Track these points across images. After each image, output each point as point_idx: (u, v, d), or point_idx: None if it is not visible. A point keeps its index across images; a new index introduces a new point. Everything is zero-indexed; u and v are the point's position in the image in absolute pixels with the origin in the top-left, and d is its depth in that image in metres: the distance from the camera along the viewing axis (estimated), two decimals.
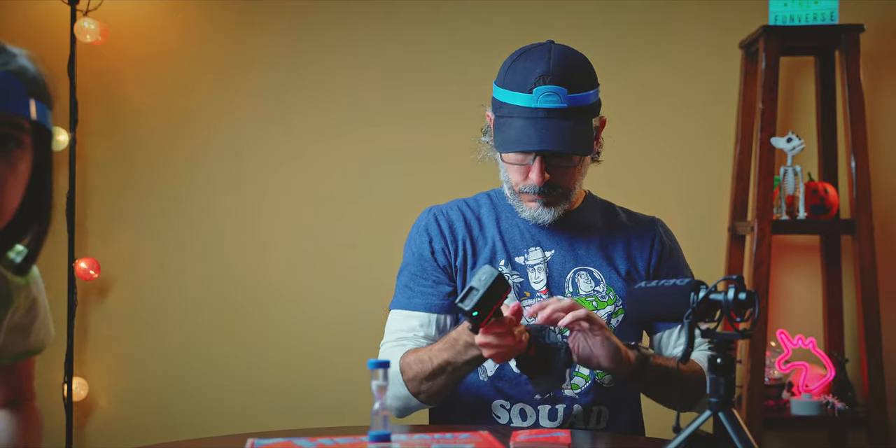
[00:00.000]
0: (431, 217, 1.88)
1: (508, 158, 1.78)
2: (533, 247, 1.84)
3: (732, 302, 1.22)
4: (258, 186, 3.17)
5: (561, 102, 1.70)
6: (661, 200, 2.99)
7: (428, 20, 3.18)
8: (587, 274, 1.83)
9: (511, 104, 1.73)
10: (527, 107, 1.71)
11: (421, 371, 1.70)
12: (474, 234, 1.86)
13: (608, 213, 1.91)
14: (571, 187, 1.79)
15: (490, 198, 1.92)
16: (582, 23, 3.15)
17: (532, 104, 1.71)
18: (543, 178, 1.74)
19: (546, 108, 1.70)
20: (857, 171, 2.86)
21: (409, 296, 1.85)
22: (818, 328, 3.10)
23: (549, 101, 1.70)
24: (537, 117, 1.71)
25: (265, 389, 3.14)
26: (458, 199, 1.94)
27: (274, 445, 1.41)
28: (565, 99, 1.70)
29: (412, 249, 1.88)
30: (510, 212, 1.87)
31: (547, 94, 1.71)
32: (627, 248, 1.85)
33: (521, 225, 1.86)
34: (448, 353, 1.66)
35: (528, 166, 1.75)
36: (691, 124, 3.16)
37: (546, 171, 1.74)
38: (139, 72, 3.17)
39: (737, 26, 3.06)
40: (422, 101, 3.16)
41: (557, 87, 1.70)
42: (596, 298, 1.81)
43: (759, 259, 2.82)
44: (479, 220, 1.88)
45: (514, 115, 1.73)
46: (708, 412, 1.22)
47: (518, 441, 1.39)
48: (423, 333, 1.81)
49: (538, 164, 1.73)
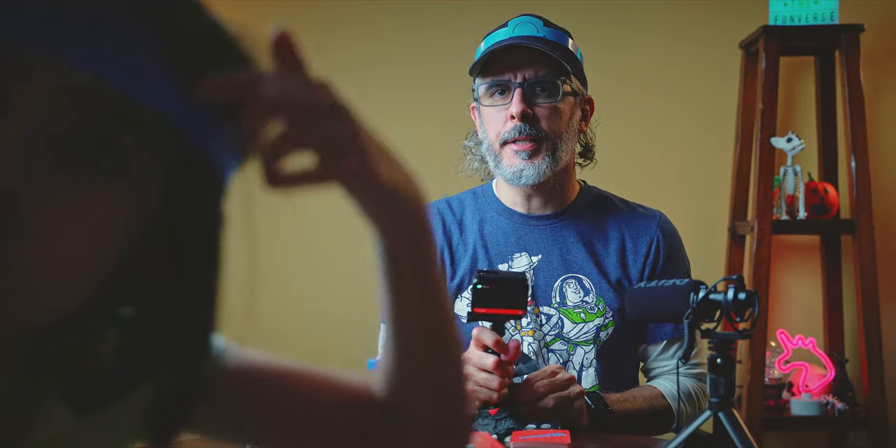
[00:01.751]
0: None
1: (487, 102, 1.70)
2: (518, 252, 1.74)
3: (732, 302, 1.22)
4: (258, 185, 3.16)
5: (537, 32, 1.66)
6: (661, 200, 2.97)
7: (433, 22, 3.18)
8: (576, 282, 1.72)
9: (485, 48, 1.69)
10: (502, 39, 1.67)
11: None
12: (454, 242, 1.78)
13: (605, 207, 1.80)
14: (557, 136, 1.68)
15: (475, 195, 1.84)
16: (582, 23, 3.13)
17: (507, 35, 1.66)
18: (524, 108, 1.64)
19: (522, 36, 1.65)
20: (857, 171, 2.86)
21: None
22: (818, 328, 3.09)
23: (524, 30, 1.66)
24: (513, 44, 1.65)
25: None
26: (442, 199, 1.86)
27: None
28: (541, 30, 1.66)
29: None
30: (496, 211, 1.79)
31: (522, 23, 1.67)
32: (621, 251, 1.74)
33: (506, 227, 1.77)
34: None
35: (507, 109, 1.66)
36: (691, 124, 3.15)
37: (528, 104, 1.65)
38: None
39: (737, 26, 3.05)
40: (422, 102, 3.17)
41: (533, 18, 1.68)
42: (584, 310, 1.71)
43: (759, 259, 2.82)
44: (460, 225, 1.79)
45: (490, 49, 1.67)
46: (708, 412, 1.22)
47: (518, 441, 1.39)
48: None
49: (518, 95, 1.65)
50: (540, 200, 1.77)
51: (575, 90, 1.72)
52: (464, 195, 1.86)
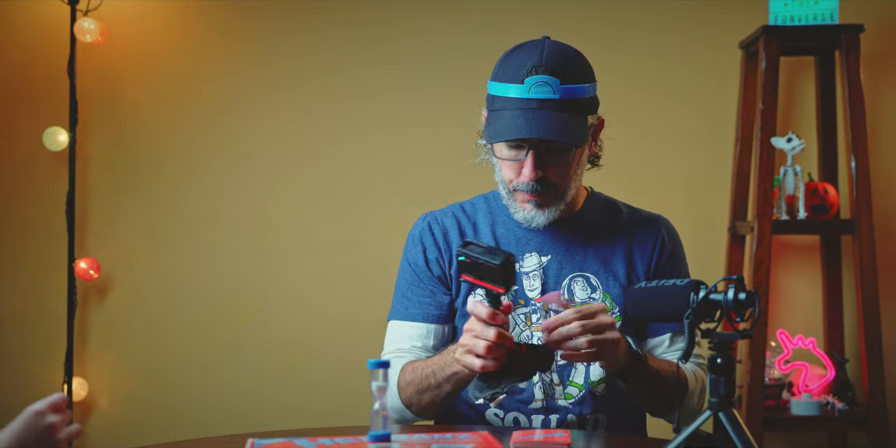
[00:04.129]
0: (426, 225, 1.85)
1: (501, 154, 1.73)
2: (529, 253, 1.79)
3: (732, 302, 1.22)
4: (259, 185, 3.17)
5: (553, 93, 1.67)
6: (661, 201, 2.97)
7: (437, 22, 3.18)
8: (584, 280, 1.78)
9: (503, 96, 1.70)
10: (518, 98, 1.68)
11: (413, 380, 1.68)
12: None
13: (611, 211, 1.86)
14: (566, 186, 1.74)
15: (486, 200, 1.88)
16: (582, 23, 3.15)
17: (524, 95, 1.67)
18: (536, 174, 1.69)
19: (538, 99, 1.67)
20: (857, 171, 2.86)
21: (406, 306, 1.82)
22: (818, 328, 3.10)
23: (541, 91, 1.67)
24: (529, 108, 1.67)
25: (265, 389, 3.14)
26: (455, 203, 1.90)
27: (274, 445, 1.41)
28: (558, 90, 1.67)
29: (408, 258, 1.85)
30: (507, 214, 1.83)
31: (539, 84, 1.67)
32: (628, 250, 1.80)
33: (516, 229, 1.81)
34: (436, 363, 1.64)
35: (521, 162, 1.71)
36: (691, 124, 3.16)
37: (540, 167, 1.69)
38: (139, 72, 3.17)
39: (737, 26, 3.06)
40: (421, 103, 3.16)
41: (550, 78, 1.67)
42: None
43: (759, 259, 2.82)
44: (474, 226, 1.83)
45: (506, 107, 1.69)
46: (708, 412, 1.22)
47: (518, 441, 1.39)
48: (422, 344, 1.79)
49: (531, 159, 1.69)
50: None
51: (588, 130, 1.75)
52: (476, 199, 1.90)
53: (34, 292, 3.14)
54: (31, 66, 3.15)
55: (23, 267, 3.15)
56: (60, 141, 3.06)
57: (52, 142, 3.06)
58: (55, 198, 3.09)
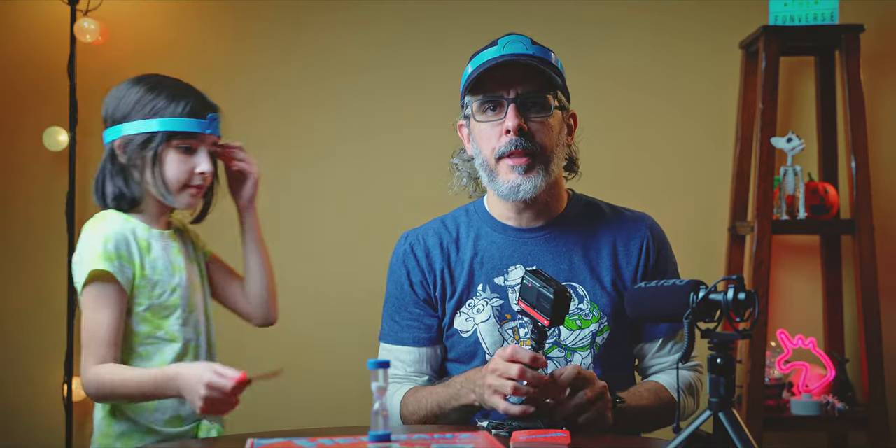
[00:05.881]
0: (408, 246, 1.83)
1: (480, 117, 1.72)
2: (513, 265, 1.76)
3: (732, 302, 1.22)
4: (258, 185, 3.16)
5: (526, 49, 1.68)
6: (661, 201, 2.99)
7: (438, 23, 3.18)
8: (570, 291, 1.73)
9: (478, 62, 1.71)
10: (492, 57, 1.69)
11: (417, 410, 1.70)
12: (452, 261, 1.79)
13: (594, 213, 1.83)
14: (550, 150, 1.71)
15: (468, 212, 1.85)
16: (582, 23, 3.15)
17: (498, 53, 1.69)
18: (519, 120, 1.67)
19: (512, 53, 1.68)
20: (857, 171, 2.86)
21: (395, 330, 1.81)
22: (818, 328, 3.10)
23: (514, 48, 1.68)
24: (506, 60, 1.68)
25: (265, 389, 3.13)
26: (436, 218, 1.87)
27: (274, 445, 1.41)
28: (530, 47, 1.69)
29: (393, 281, 1.84)
30: (489, 226, 1.80)
31: (511, 42, 1.69)
32: (613, 254, 1.77)
33: (500, 241, 1.78)
34: (441, 396, 1.65)
35: (501, 124, 1.69)
36: (691, 124, 3.16)
37: (522, 116, 1.68)
38: (139, 72, 3.13)
39: (737, 26, 3.06)
40: (423, 104, 3.16)
41: (522, 37, 1.71)
42: (579, 317, 1.74)
43: (759, 259, 2.82)
44: (456, 241, 1.81)
45: (482, 67, 1.69)
46: (708, 412, 1.22)
47: (518, 441, 1.39)
48: (415, 369, 1.80)
49: (512, 110, 1.67)
50: (531, 213, 1.79)
51: (563, 105, 1.76)
52: (457, 212, 1.88)
53: (34, 292, 3.14)
54: (31, 66, 3.15)
55: (23, 267, 3.15)
56: (60, 141, 3.06)
57: (52, 142, 3.06)
58: (55, 198, 3.09)
